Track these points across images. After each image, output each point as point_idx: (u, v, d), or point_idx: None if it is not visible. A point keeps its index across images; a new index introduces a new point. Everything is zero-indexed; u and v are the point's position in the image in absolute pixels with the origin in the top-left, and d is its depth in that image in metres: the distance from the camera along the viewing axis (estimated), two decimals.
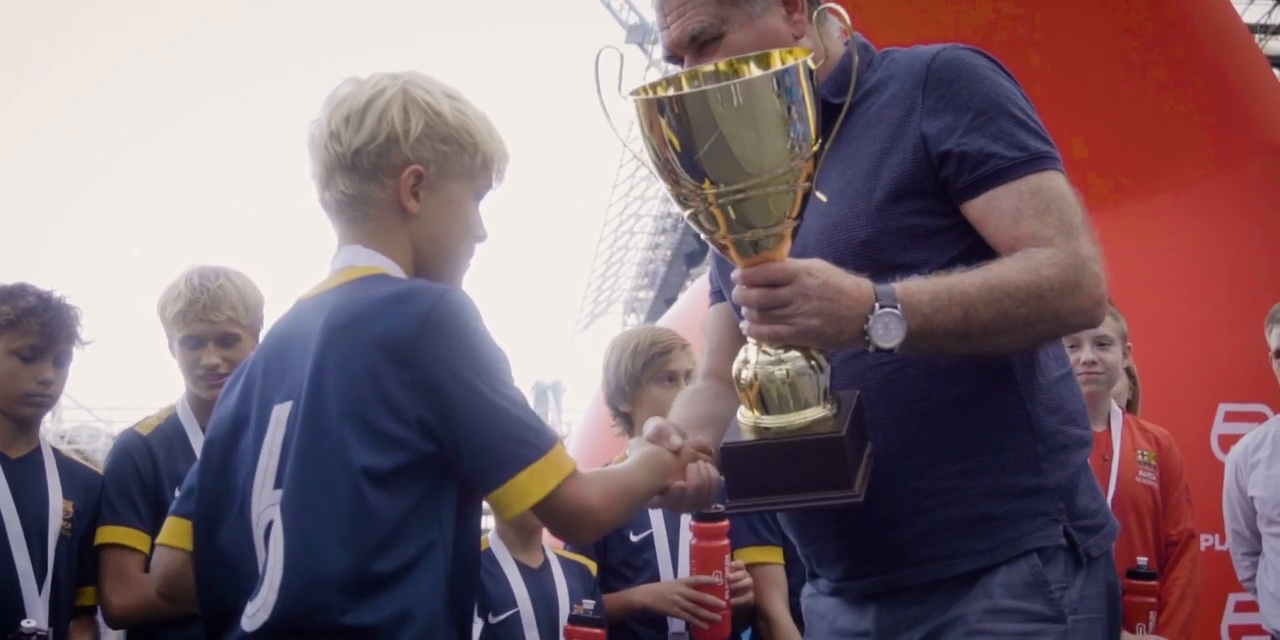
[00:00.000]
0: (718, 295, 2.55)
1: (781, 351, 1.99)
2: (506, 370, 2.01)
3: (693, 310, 7.48)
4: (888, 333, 1.94)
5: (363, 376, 1.94)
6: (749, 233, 1.94)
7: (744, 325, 1.99)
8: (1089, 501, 2.25)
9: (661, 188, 2.04)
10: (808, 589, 2.49)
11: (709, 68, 2.09)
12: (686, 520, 3.57)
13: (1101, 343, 3.87)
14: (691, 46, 2.25)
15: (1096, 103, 5.78)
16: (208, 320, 3.44)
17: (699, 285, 8.85)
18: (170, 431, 3.51)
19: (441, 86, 2.14)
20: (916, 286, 1.99)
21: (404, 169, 2.08)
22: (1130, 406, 4.38)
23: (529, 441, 1.96)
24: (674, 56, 2.30)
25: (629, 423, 3.83)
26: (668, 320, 7.62)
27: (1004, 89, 2.19)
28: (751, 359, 2.01)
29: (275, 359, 2.09)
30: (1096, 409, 3.96)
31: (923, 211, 2.16)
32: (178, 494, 3.35)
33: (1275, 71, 6.80)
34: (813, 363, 1.99)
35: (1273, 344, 4.45)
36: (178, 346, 3.48)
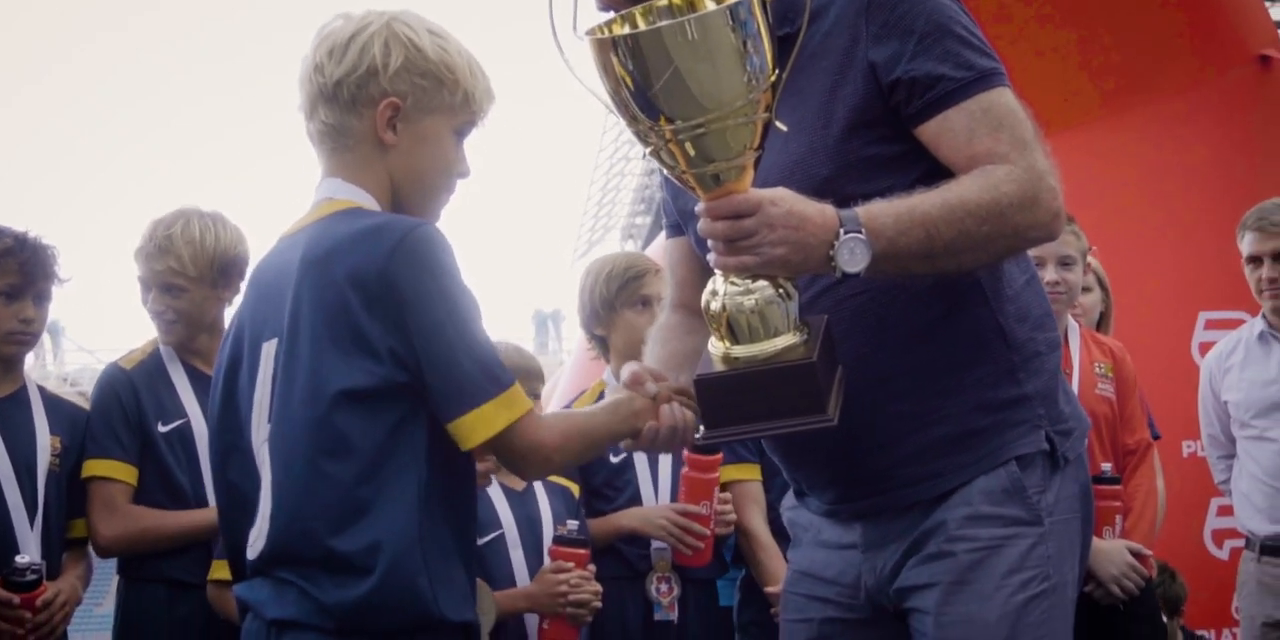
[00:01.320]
0: (675, 229, 2.56)
1: (749, 281, 2.00)
2: (472, 307, 2.08)
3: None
4: (853, 257, 1.95)
5: (335, 309, 2.02)
6: (710, 166, 1.94)
7: (710, 257, 2.00)
8: (1064, 404, 2.31)
9: None
10: (789, 501, 2.55)
11: (663, 2, 2.07)
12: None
13: (1065, 262, 3.90)
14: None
15: (1085, 12, 5.81)
16: (150, 267, 3.50)
17: None
18: (152, 366, 3.56)
19: (427, 24, 2.20)
20: (879, 210, 2.00)
21: (381, 101, 2.14)
22: (1103, 318, 4.42)
23: (488, 378, 2.05)
24: (606, 6, 2.28)
25: (605, 346, 3.88)
26: (650, 251, 7.65)
27: (945, 7, 2.18)
28: (719, 290, 2.02)
29: (261, 296, 2.18)
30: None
31: (881, 140, 2.17)
32: (163, 429, 3.46)
33: None
34: (780, 291, 2.00)
35: (1244, 250, 4.48)
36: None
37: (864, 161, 2.16)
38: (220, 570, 3.30)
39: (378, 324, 2.01)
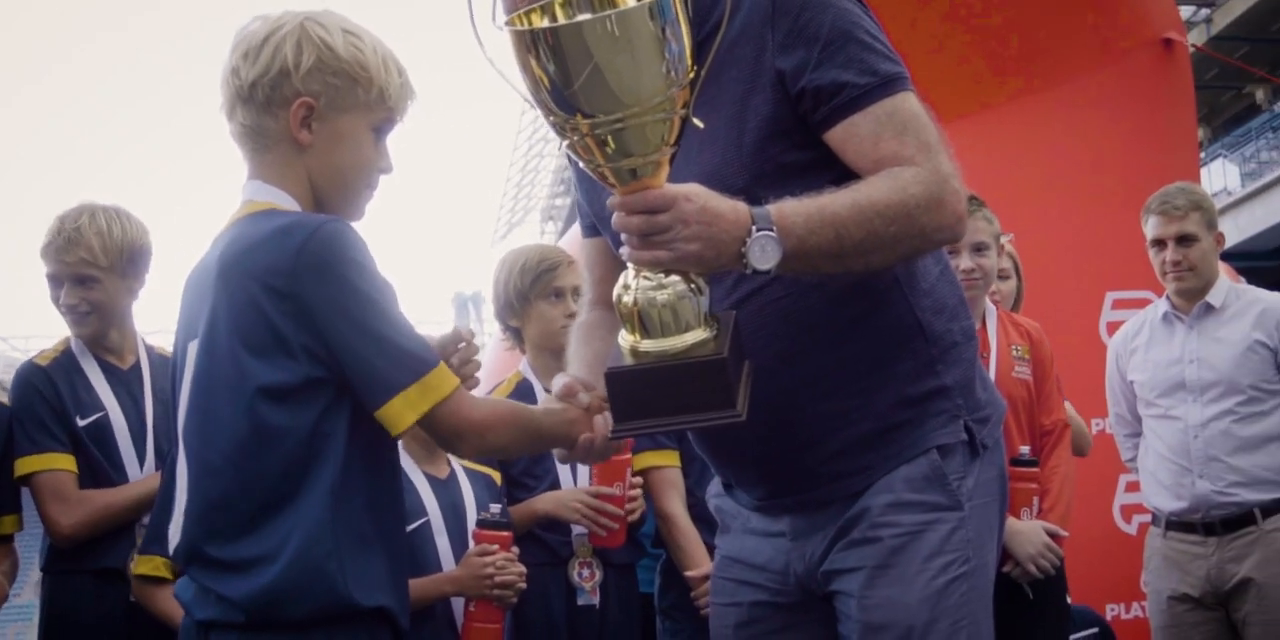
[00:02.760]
0: (590, 228, 2.58)
1: (662, 276, 2.01)
2: (382, 297, 2.10)
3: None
4: (765, 254, 1.97)
5: (249, 308, 2.04)
6: (627, 161, 1.93)
7: (624, 251, 2.01)
8: (980, 391, 2.37)
9: None
10: (715, 488, 2.58)
11: None
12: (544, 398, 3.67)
13: (979, 248, 3.97)
14: None
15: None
16: (61, 261, 3.50)
17: None
18: (66, 362, 3.56)
19: (343, 22, 2.21)
20: (790, 209, 2.02)
21: (294, 101, 2.17)
22: (1016, 301, 4.50)
23: (408, 363, 2.08)
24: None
25: (519, 337, 3.92)
26: (565, 242, 7.66)
27: (848, 12, 2.20)
28: (632, 284, 2.02)
29: (188, 299, 2.21)
30: (972, 310, 4.06)
31: (794, 147, 2.20)
32: (82, 422, 3.46)
33: None
34: (692, 286, 2.01)
35: (1148, 234, 4.59)
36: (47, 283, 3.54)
37: (779, 169, 2.19)
38: (144, 565, 3.32)
39: (289, 322, 2.03)
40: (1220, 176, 27.10)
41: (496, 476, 3.78)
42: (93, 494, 3.45)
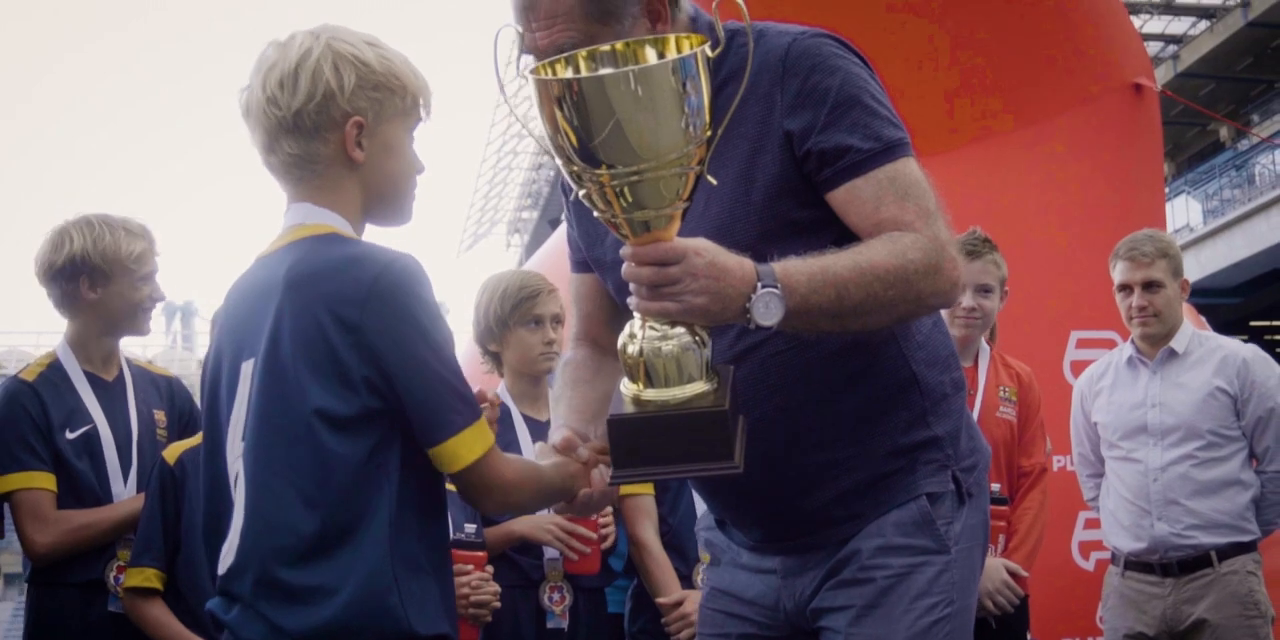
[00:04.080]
0: (582, 265, 2.62)
1: (668, 327, 2.04)
2: (445, 339, 2.13)
3: (561, 249, 7.51)
4: (768, 311, 2.01)
5: (314, 333, 2.05)
6: (640, 213, 1.97)
7: (631, 301, 2.04)
8: (968, 441, 2.44)
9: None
10: (706, 522, 2.64)
11: (605, 48, 2.10)
12: (541, 445, 3.72)
13: (984, 289, 4.06)
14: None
15: (962, 37, 5.86)
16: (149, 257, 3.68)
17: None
18: (53, 376, 3.58)
19: (361, 36, 2.21)
20: (794, 267, 2.07)
21: (345, 122, 2.15)
22: (990, 334, 4.59)
23: (459, 410, 2.09)
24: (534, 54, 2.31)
25: (498, 361, 3.97)
26: (537, 260, 7.68)
27: (855, 78, 2.26)
28: (638, 334, 2.06)
29: (239, 315, 2.19)
30: (967, 349, 4.16)
31: (800, 206, 2.25)
32: (70, 436, 3.49)
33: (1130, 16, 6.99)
34: (697, 338, 2.05)
35: (1115, 279, 4.69)
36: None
37: (785, 226, 2.25)
38: (134, 578, 3.36)
39: (353, 354, 2.03)
40: (1183, 213, 27.41)
41: None
42: (70, 514, 3.47)
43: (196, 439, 3.54)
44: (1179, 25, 31.06)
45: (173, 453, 3.48)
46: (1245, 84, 31.18)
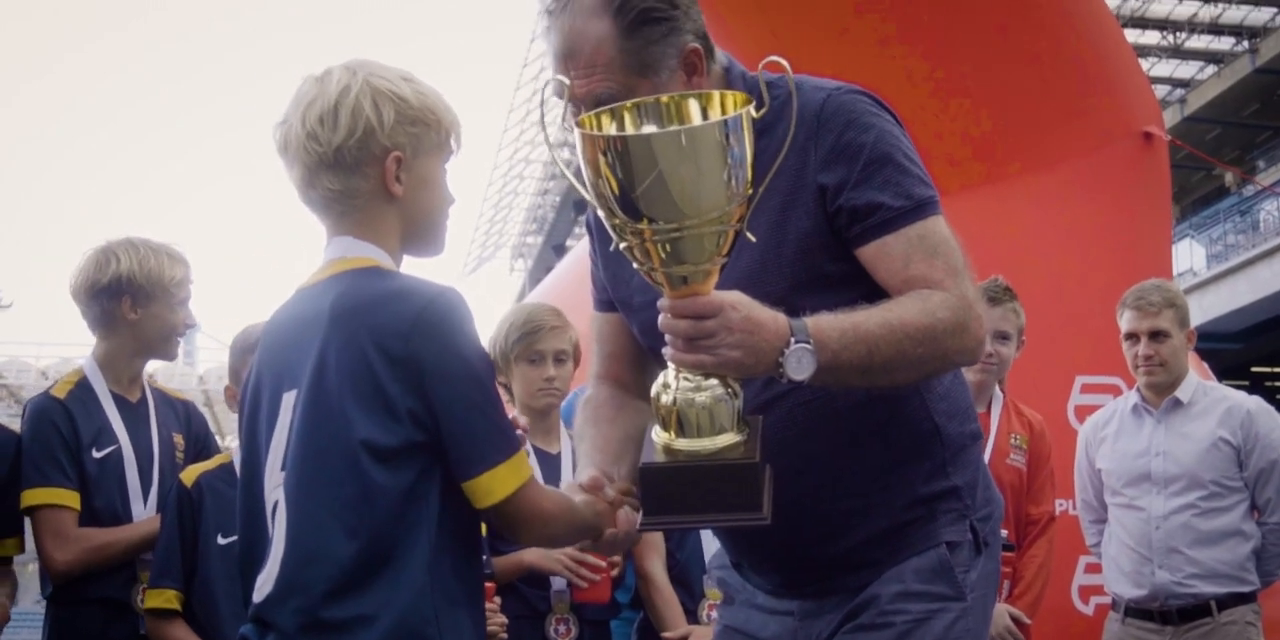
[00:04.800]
0: (606, 304, 2.65)
1: (701, 378, 2.07)
2: (488, 372, 2.15)
3: (575, 273, 7.55)
4: (800, 366, 2.05)
5: (359, 365, 2.07)
6: (679, 268, 2.00)
7: (666, 351, 2.08)
8: (984, 491, 2.48)
9: (549, 134, 2.13)
10: (720, 560, 2.67)
11: (650, 99, 2.14)
12: (567, 481, 3.77)
13: (1002, 336, 4.12)
14: (594, 106, 2.28)
15: (973, 80, 5.90)
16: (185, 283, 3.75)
17: (581, 251, 8.89)
18: (82, 394, 3.63)
19: (396, 71, 2.25)
20: (826, 323, 2.11)
21: (385, 157, 2.18)
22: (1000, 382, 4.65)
23: (503, 440, 2.12)
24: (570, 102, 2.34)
25: (509, 392, 4.01)
26: (546, 287, 7.69)
27: (888, 135, 2.31)
28: (672, 384, 2.09)
29: (281, 347, 2.22)
30: (981, 394, 4.22)
31: (831, 259, 2.30)
32: (97, 455, 3.54)
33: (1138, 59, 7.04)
34: (729, 390, 2.08)
35: (1122, 327, 4.74)
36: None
37: (816, 279, 2.29)
38: (154, 599, 3.39)
39: (399, 386, 2.06)
40: (1186, 257, 27.42)
41: (482, 527, 3.87)
42: (90, 533, 3.50)
43: (214, 462, 3.60)
44: (1187, 69, 31.24)
45: (190, 475, 3.52)
46: (1252, 130, 31.33)
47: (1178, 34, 29.83)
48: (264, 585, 2.12)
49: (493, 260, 47.08)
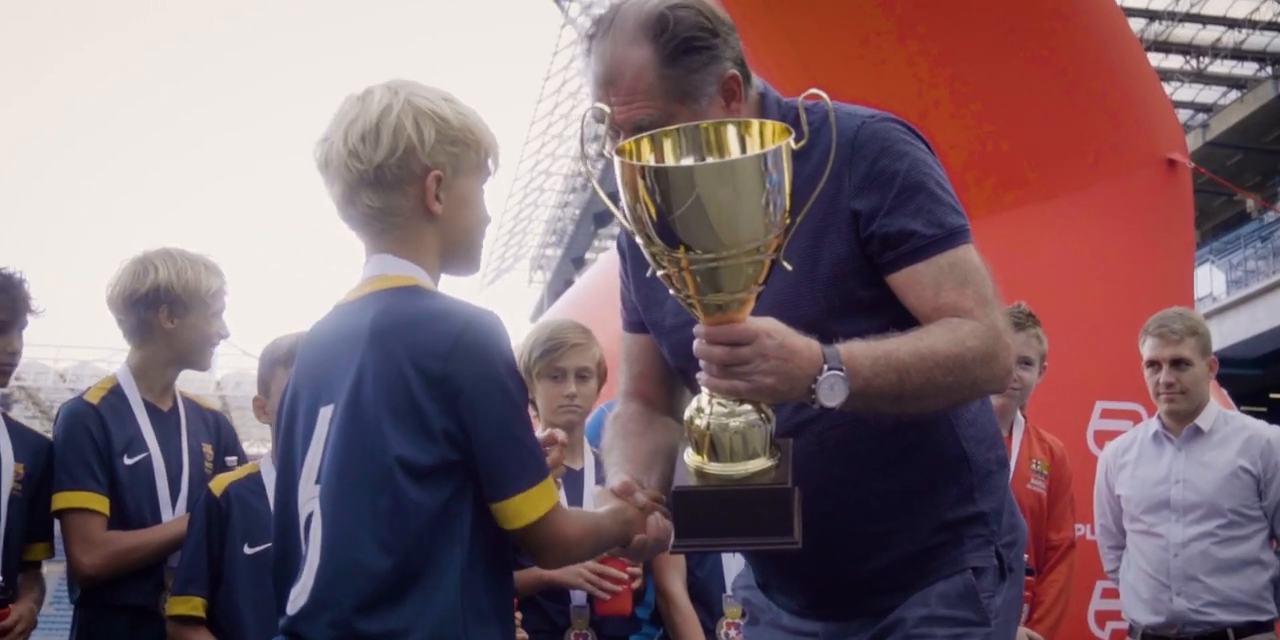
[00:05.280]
0: (637, 325, 2.68)
1: (735, 404, 2.10)
2: (521, 396, 2.18)
3: (597, 288, 7.57)
4: (833, 392, 2.08)
5: (397, 383, 2.10)
6: (715, 296, 2.02)
7: (701, 377, 2.11)
8: (1009, 517, 2.51)
9: (570, 148, 2.18)
10: (745, 580, 2.70)
11: (689, 126, 2.16)
12: (589, 497, 3.80)
13: (1025, 362, 4.14)
14: (633, 132, 2.30)
15: (996, 103, 5.91)
16: (220, 292, 3.81)
17: (604, 265, 8.92)
18: (115, 401, 3.67)
19: (438, 92, 2.28)
20: (859, 350, 2.14)
21: (425, 176, 2.21)
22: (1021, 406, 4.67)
23: (534, 463, 2.15)
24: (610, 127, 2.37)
25: (534, 407, 4.05)
26: (566, 301, 7.70)
27: (921, 164, 2.34)
28: (706, 409, 2.12)
29: (318, 362, 2.25)
30: (1002, 419, 4.24)
31: (862, 285, 2.32)
32: (128, 462, 3.57)
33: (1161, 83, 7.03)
34: (762, 415, 2.12)
35: (1145, 354, 4.77)
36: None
37: (848, 304, 2.32)
38: (179, 606, 3.42)
39: (435, 405, 2.09)
40: (1206, 282, 27.34)
41: None
42: (117, 536, 3.54)
43: (242, 471, 3.63)
44: (1209, 94, 31.19)
45: (219, 484, 3.55)
46: (1274, 155, 31.25)
47: (1201, 59, 29.81)
48: (298, 598, 2.14)
49: (511, 271, 47.20)
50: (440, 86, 2.31)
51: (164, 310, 3.69)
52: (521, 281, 47.36)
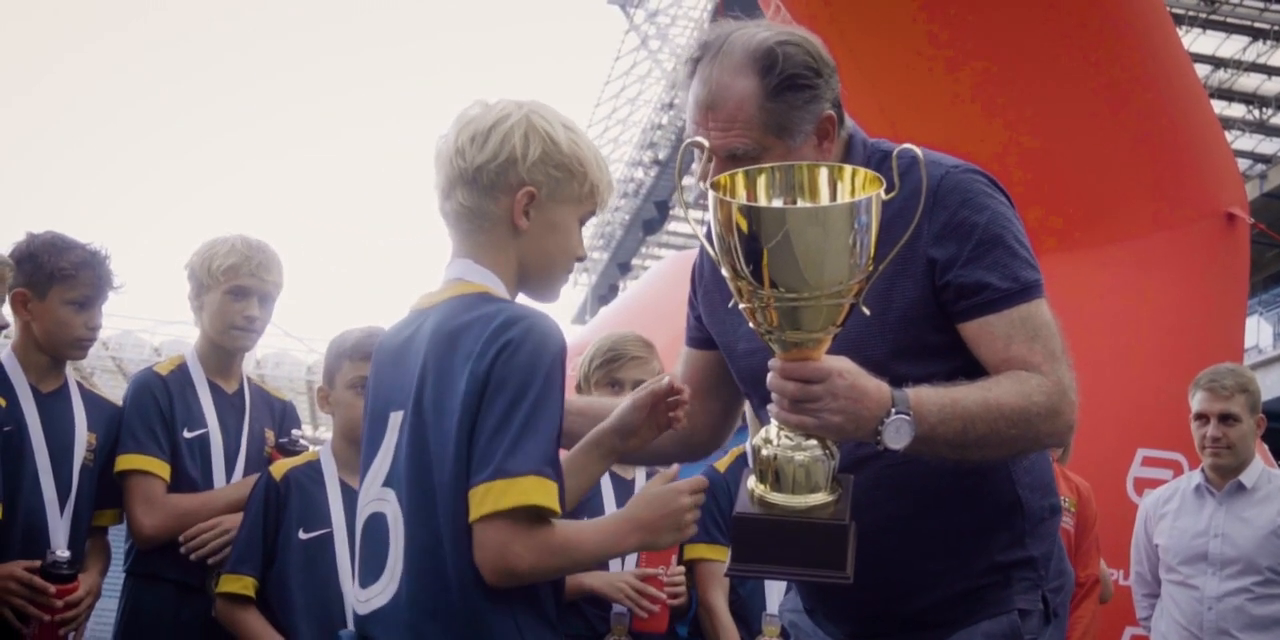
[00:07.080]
0: (700, 342, 2.75)
1: (802, 438, 2.16)
2: (547, 395, 2.10)
3: (646, 300, 7.59)
4: (898, 435, 2.14)
5: (453, 387, 2.13)
6: (794, 334, 2.08)
7: (772, 409, 2.17)
8: (1057, 563, 2.56)
9: (624, 153, 2.22)
10: (792, 603, 2.76)
11: (785, 165, 2.20)
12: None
13: None
14: (726, 158, 2.37)
15: (1055, 149, 5.92)
16: (261, 278, 3.79)
17: (653, 279, 8.94)
18: (182, 376, 3.80)
19: (561, 118, 2.32)
20: (927, 396, 2.19)
21: (519, 189, 2.25)
22: (1064, 452, 4.72)
23: (518, 459, 2.06)
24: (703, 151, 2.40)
25: None
26: (615, 308, 7.70)
27: (1001, 217, 2.39)
28: (774, 440, 2.18)
29: (392, 365, 2.30)
30: None
31: (933, 329, 2.38)
32: (188, 435, 3.66)
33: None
34: (826, 451, 2.17)
35: (1193, 407, 4.80)
36: (220, 296, 3.78)
37: (917, 348, 2.38)
38: (230, 584, 3.48)
39: (480, 402, 2.11)
40: (1253, 333, 27.08)
41: None
42: (178, 499, 3.63)
43: (302, 458, 3.71)
44: (1269, 146, 30.97)
45: (280, 468, 3.62)
46: None
47: (1264, 109, 29.62)
48: (375, 598, 2.19)
49: None
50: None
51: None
52: (567, 283, 47.39)
